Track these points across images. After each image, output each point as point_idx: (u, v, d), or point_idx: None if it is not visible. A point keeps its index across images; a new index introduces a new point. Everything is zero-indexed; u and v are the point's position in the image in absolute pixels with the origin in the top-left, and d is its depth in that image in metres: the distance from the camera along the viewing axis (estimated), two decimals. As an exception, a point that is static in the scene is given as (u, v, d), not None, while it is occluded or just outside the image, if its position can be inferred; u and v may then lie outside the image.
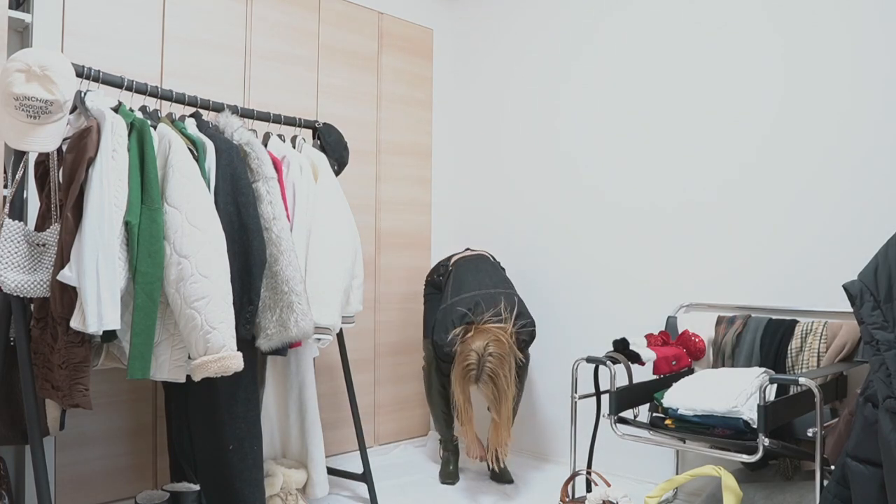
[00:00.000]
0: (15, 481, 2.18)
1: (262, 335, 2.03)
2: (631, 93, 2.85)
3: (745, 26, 2.51)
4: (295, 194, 2.27)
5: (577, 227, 3.04)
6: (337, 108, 3.08)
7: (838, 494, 1.63)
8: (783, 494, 2.11)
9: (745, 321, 2.37)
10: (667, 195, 2.73)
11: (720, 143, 2.57)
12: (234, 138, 2.12)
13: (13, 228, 1.76)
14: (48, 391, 1.79)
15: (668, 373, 2.29)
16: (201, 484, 2.12)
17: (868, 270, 1.64)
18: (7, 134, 1.67)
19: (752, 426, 1.85)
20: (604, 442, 2.30)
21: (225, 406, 2.03)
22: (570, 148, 3.07)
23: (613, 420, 2.09)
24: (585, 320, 2.99)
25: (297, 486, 2.34)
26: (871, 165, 2.21)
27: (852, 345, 2.10)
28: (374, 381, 3.25)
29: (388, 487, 2.75)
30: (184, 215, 1.81)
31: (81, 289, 1.65)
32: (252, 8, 2.78)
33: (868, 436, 1.55)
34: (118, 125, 1.77)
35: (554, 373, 3.09)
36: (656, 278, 2.74)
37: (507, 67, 3.36)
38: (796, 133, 2.38)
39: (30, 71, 1.64)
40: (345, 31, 3.13)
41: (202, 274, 1.78)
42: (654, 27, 2.78)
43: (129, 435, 2.42)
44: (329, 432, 2.97)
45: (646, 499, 2.06)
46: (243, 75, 2.75)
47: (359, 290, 2.46)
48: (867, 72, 2.23)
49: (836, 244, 2.28)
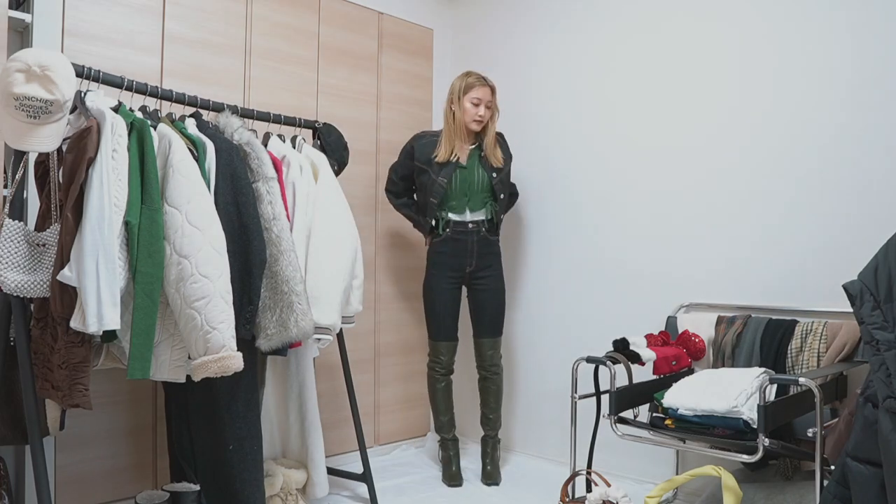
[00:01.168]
0: (15, 481, 2.18)
1: (262, 335, 2.03)
2: (631, 93, 2.85)
3: (743, 22, 2.51)
4: (295, 194, 2.27)
5: (576, 227, 3.04)
6: (337, 108, 3.08)
7: (838, 494, 1.63)
8: (783, 494, 2.11)
9: (745, 321, 2.36)
10: (667, 195, 2.73)
11: (720, 142, 2.57)
12: (234, 138, 2.12)
13: (13, 228, 1.76)
14: (48, 391, 1.79)
15: (668, 373, 2.29)
16: (201, 484, 2.12)
17: (868, 270, 1.64)
18: (7, 134, 1.67)
19: (752, 426, 1.85)
20: (604, 442, 2.30)
21: (225, 406, 2.03)
22: (569, 148, 3.07)
23: (613, 420, 2.09)
24: (585, 320, 2.99)
25: (297, 487, 2.34)
26: (872, 165, 2.21)
27: (852, 345, 2.10)
28: (374, 381, 3.25)
29: (388, 487, 2.75)
30: (184, 215, 1.81)
31: (81, 289, 1.65)
32: (252, 8, 2.78)
33: (868, 436, 1.55)
34: (118, 125, 1.77)
35: (554, 373, 3.09)
36: (656, 278, 2.74)
37: (507, 68, 3.36)
38: (796, 133, 2.38)
39: (30, 71, 1.64)
40: (345, 31, 3.13)
41: (202, 274, 1.78)
42: (653, 28, 2.78)
43: (129, 435, 2.42)
44: (329, 432, 2.97)
45: (646, 499, 2.06)
46: (243, 75, 2.75)
47: (359, 290, 2.45)
48: (867, 72, 2.23)
49: (836, 244, 2.27)
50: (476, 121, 2.79)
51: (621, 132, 2.89)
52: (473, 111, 2.78)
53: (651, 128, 2.78)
